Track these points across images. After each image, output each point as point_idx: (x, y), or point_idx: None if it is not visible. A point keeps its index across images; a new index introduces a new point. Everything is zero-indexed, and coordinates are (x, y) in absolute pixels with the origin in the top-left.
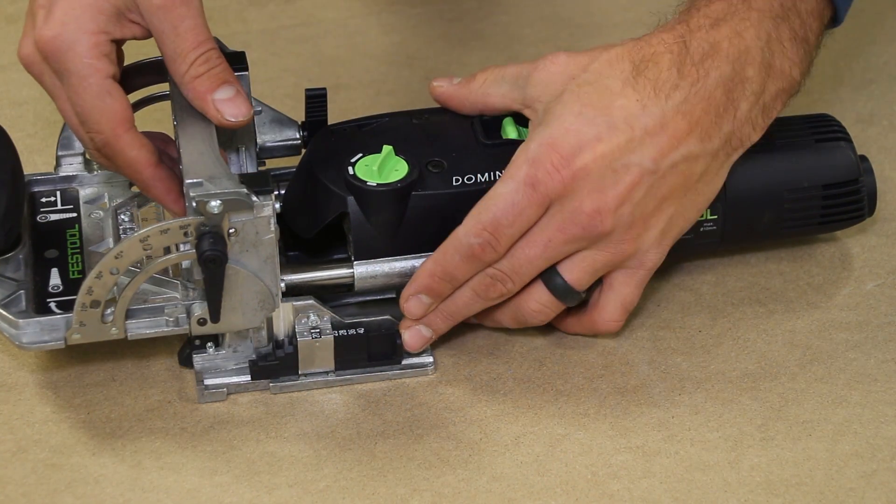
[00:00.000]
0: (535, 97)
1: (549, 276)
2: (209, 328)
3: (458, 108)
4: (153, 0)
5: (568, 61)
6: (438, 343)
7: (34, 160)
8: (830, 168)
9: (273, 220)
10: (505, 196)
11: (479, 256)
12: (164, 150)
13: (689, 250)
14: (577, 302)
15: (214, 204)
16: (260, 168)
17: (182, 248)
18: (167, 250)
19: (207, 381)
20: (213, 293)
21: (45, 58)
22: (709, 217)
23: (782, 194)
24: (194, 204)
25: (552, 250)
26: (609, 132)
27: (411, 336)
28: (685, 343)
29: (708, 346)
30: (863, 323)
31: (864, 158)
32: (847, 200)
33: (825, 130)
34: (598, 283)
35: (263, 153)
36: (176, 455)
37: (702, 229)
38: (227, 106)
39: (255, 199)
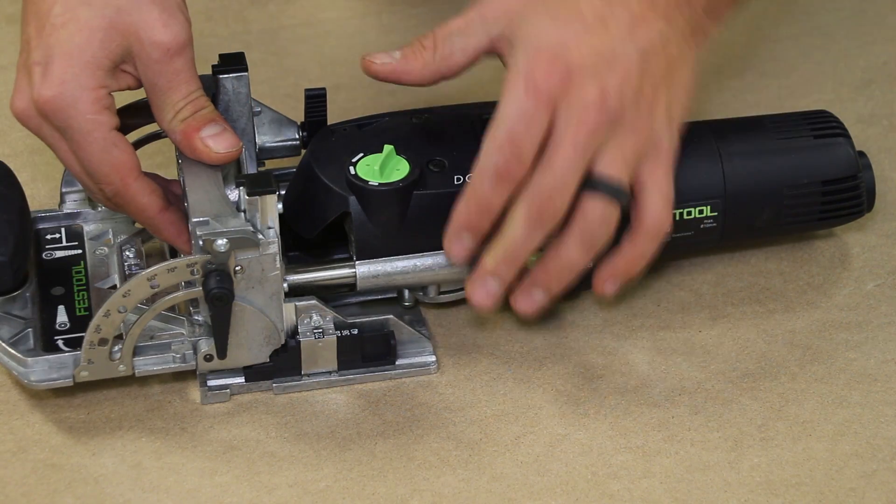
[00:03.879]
0: (500, 32)
1: (592, 184)
2: (215, 364)
3: (412, 82)
4: (153, 55)
5: None
6: (438, 343)
7: (34, 160)
8: (829, 164)
9: (279, 257)
10: (511, 109)
11: (507, 174)
12: (168, 188)
13: (689, 247)
14: (627, 200)
15: (221, 242)
16: (260, 169)
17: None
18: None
19: (211, 383)
20: (220, 330)
21: (46, 116)
22: (708, 214)
23: (782, 191)
24: (201, 242)
25: (581, 147)
26: (587, 32)
27: (475, 291)
28: (685, 343)
29: (708, 346)
30: (863, 323)
31: (862, 154)
32: (846, 196)
33: (823, 127)
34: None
35: (263, 153)
36: (176, 455)
37: (702, 226)
38: (215, 140)
39: (260, 236)
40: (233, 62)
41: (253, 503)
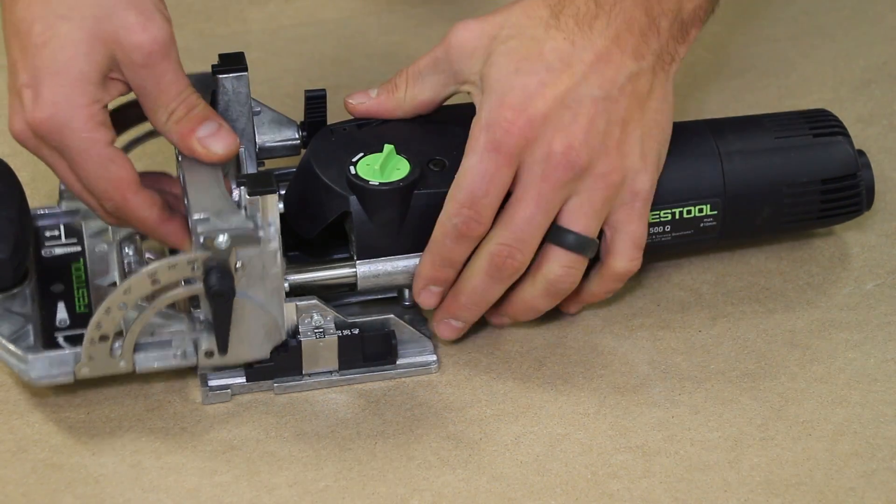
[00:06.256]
0: (465, 71)
1: (558, 236)
2: (216, 360)
3: (390, 118)
4: (136, 59)
5: (481, 25)
6: (439, 343)
7: (34, 159)
8: (829, 163)
9: (279, 254)
10: (472, 169)
11: (466, 234)
12: (169, 191)
13: (689, 246)
14: (595, 250)
15: (222, 239)
16: (260, 168)
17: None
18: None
19: (212, 382)
20: (221, 326)
21: (42, 137)
22: (708, 213)
23: (781, 189)
24: (201, 239)
25: (545, 203)
26: (550, 75)
27: (442, 329)
28: (685, 343)
29: (708, 346)
30: (863, 323)
31: (861, 153)
32: (845, 195)
33: (823, 125)
34: (603, 237)
35: (263, 153)
36: (176, 455)
37: (701, 225)
38: (212, 140)
39: (261, 233)
40: (233, 62)
41: (253, 503)
